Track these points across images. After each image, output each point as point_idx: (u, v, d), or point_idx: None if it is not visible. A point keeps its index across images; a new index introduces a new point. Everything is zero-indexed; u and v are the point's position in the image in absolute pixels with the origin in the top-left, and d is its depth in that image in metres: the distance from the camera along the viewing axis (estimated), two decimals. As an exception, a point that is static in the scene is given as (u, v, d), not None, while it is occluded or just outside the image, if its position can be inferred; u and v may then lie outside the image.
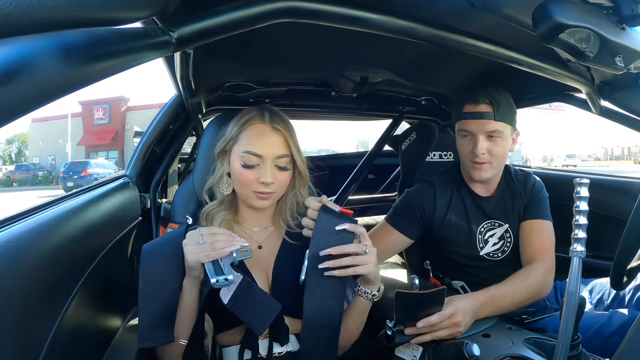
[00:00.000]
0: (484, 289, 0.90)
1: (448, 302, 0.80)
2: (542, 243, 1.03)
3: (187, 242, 0.71)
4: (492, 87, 1.06)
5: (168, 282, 0.73)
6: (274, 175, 0.80)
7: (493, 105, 1.03)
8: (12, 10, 0.26)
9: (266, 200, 0.82)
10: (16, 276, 0.51)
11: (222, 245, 0.68)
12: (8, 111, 0.26)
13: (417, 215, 1.14)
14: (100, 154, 22.75)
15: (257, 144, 0.79)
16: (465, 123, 1.07)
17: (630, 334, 0.59)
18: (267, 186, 0.79)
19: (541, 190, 1.12)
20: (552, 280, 0.98)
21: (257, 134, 0.80)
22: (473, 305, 0.84)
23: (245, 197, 0.83)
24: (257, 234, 0.86)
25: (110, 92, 31.65)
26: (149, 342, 0.71)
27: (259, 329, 0.74)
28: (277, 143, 0.80)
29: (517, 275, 0.95)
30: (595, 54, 0.61)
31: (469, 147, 1.07)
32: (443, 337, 0.79)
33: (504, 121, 1.04)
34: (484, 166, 1.06)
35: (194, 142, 1.52)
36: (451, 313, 0.79)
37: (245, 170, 0.79)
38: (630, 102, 0.99)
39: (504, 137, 1.05)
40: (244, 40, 0.80)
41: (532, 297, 0.94)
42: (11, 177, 23.00)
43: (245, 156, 0.79)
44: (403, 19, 0.63)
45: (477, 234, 1.12)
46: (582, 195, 0.60)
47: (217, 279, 0.67)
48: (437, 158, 1.54)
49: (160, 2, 0.46)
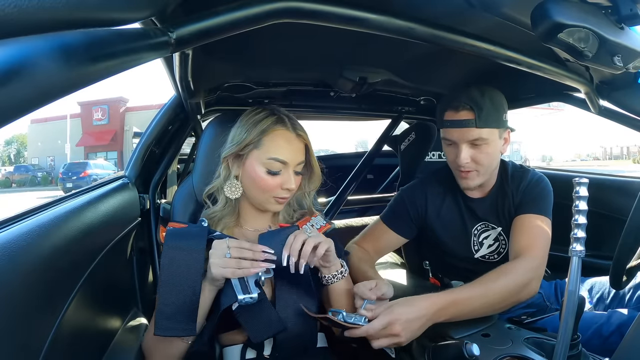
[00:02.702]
0: (448, 290, 0.82)
1: (388, 308, 0.74)
2: (530, 239, 0.94)
3: (214, 253, 0.72)
4: (474, 89, 0.98)
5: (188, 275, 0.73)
6: (295, 180, 0.82)
7: (474, 111, 0.95)
8: (12, 10, 0.26)
9: (282, 204, 0.85)
10: (16, 277, 0.50)
11: (249, 265, 0.71)
12: (7, 112, 0.26)
13: (410, 214, 1.12)
14: (99, 154, 22.72)
15: (283, 151, 0.80)
16: (447, 131, 1.01)
17: (630, 333, 0.60)
18: (289, 192, 0.81)
19: (538, 185, 1.04)
20: (538, 278, 0.88)
21: (283, 141, 0.80)
22: (425, 309, 0.75)
23: (261, 202, 0.83)
24: (254, 235, 0.86)
25: (109, 92, 31.73)
26: (168, 331, 0.70)
27: (256, 339, 0.75)
28: (300, 150, 0.82)
29: (492, 273, 0.84)
30: (594, 54, 0.61)
31: (453, 156, 1.01)
32: (383, 346, 0.73)
33: (487, 127, 0.96)
34: (470, 174, 1.01)
35: (193, 142, 1.52)
36: (385, 323, 0.72)
37: (269, 177, 0.80)
38: (629, 101, 0.99)
39: (489, 142, 0.98)
40: (243, 41, 0.80)
41: (512, 297, 0.84)
42: (10, 178, 22.94)
43: (270, 163, 0.79)
44: (402, 19, 0.63)
45: (471, 236, 1.10)
46: (581, 194, 0.60)
47: (244, 296, 0.70)
48: (436, 158, 1.55)
49: (159, 3, 0.46)
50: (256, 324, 0.75)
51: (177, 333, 0.71)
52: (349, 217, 1.96)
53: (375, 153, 1.85)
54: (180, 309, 0.71)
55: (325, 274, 0.82)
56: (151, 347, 0.77)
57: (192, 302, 0.72)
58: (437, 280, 1.26)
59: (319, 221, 0.90)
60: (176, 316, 0.71)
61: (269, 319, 0.76)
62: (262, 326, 0.75)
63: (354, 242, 1.14)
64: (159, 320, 0.70)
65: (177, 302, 0.71)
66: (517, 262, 0.88)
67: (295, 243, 0.74)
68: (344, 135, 41.80)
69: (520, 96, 1.41)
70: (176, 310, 0.71)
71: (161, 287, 0.72)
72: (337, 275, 0.82)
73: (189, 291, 0.72)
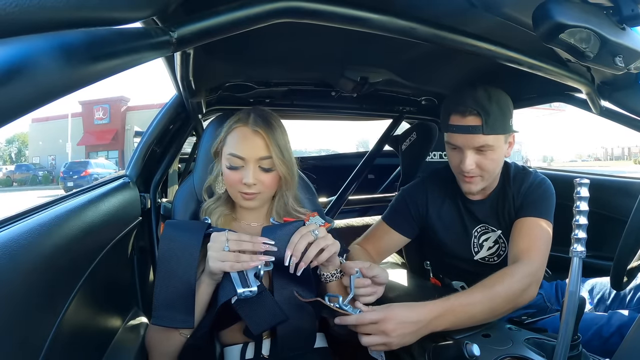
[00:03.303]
0: (445, 297, 0.78)
1: (386, 307, 0.73)
2: (529, 242, 0.91)
3: (212, 246, 0.72)
4: (481, 90, 0.95)
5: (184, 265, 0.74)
6: (257, 176, 0.82)
7: (482, 117, 0.92)
8: (12, 10, 0.26)
9: (252, 201, 0.84)
10: (16, 276, 0.50)
11: (247, 259, 0.71)
12: (8, 111, 0.26)
13: (412, 212, 1.12)
14: (100, 153, 22.76)
15: (239, 146, 0.82)
16: (452, 136, 0.98)
17: (630, 334, 0.59)
18: (249, 187, 0.82)
19: (540, 187, 1.02)
20: (537, 283, 0.87)
21: (240, 136, 0.83)
22: (423, 315, 0.73)
23: (233, 197, 0.86)
24: (253, 229, 0.88)
25: (111, 92, 31.75)
26: (166, 321, 0.71)
27: (256, 330, 0.75)
28: (258, 145, 0.82)
29: (490, 279, 0.82)
30: (595, 54, 0.61)
31: (457, 161, 0.99)
32: (371, 343, 0.71)
33: (494, 133, 0.93)
34: (474, 179, 1.00)
35: (194, 142, 1.52)
36: (377, 319, 0.70)
37: (231, 172, 0.83)
38: (630, 102, 0.99)
39: (495, 148, 0.95)
40: (244, 40, 0.80)
41: (511, 303, 0.81)
42: (11, 177, 23.00)
43: (229, 158, 0.83)
44: (403, 19, 0.63)
45: (472, 238, 1.09)
46: (582, 195, 0.60)
47: (243, 290, 0.70)
48: (437, 158, 1.54)
49: (161, 2, 0.46)
50: (256, 315, 0.75)
51: (174, 324, 0.72)
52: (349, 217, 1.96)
53: (376, 153, 1.85)
54: (177, 299, 0.72)
55: (324, 272, 0.82)
56: (151, 342, 0.78)
57: (188, 292, 0.73)
58: (437, 281, 1.26)
59: (317, 220, 0.90)
60: (173, 306, 0.72)
61: (269, 310, 0.76)
62: (263, 317, 0.75)
63: (356, 243, 1.13)
64: (156, 310, 0.72)
65: (173, 292, 0.72)
66: (516, 267, 0.86)
67: (299, 244, 0.74)
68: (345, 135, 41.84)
69: (522, 96, 1.41)
70: (173, 301, 0.72)
71: (158, 277, 0.73)
72: (336, 274, 0.82)
73: (184, 281, 0.73)
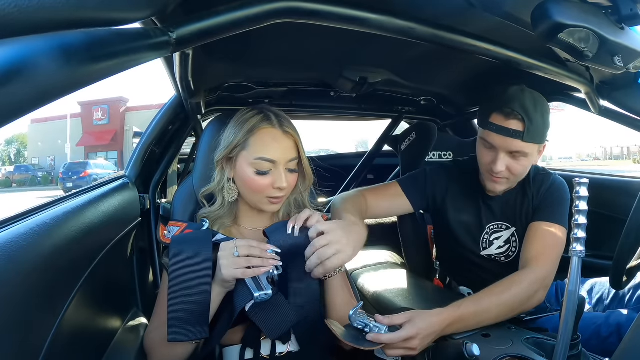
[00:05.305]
0: (456, 304, 0.81)
1: (410, 321, 0.75)
2: (541, 248, 0.92)
3: (223, 255, 0.72)
4: (528, 95, 0.92)
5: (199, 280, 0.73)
6: (287, 179, 0.80)
7: (525, 123, 0.90)
8: (12, 10, 0.26)
9: (278, 205, 0.83)
10: (16, 277, 0.50)
11: (259, 264, 0.71)
12: (7, 112, 0.26)
13: (427, 190, 1.11)
14: (99, 154, 22.74)
15: (269, 149, 0.78)
16: (489, 135, 0.95)
17: (629, 334, 0.59)
18: (281, 191, 0.80)
19: (558, 192, 1.01)
20: (545, 289, 0.88)
21: (269, 139, 0.78)
22: (438, 326, 0.77)
23: (255, 203, 0.83)
24: (253, 234, 0.87)
25: (110, 92, 31.72)
26: (182, 336, 0.70)
27: (273, 335, 0.76)
28: (289, 147, 0.80)
29: (498, 286, 0.85)
30: (594, 54, 0.61)
31: (488, 159, 0.98)
32: (396, 355, 0.75)
33: (532, 142, 0.92)
34: (501, 181, 0.99)
35: (194, 142, 1.52)
36: (408, 336, 0.73)
37: (259, 177, 0.78)
38: (629, 101, 0.99)
39: (528, 156, 0.94)
40: (244, 41, 0.80)
41: (518, 309, 0.84)
42: (10, 178, 22.95)
43: (257, 163, 0.78)
44: (402, 19, 0.63)
45: (483, 232, 1.09)
46: (581, 194, 0.60)
47: (259, 294, 0.70)
48: (436, 158, 1.55)
49: (160, 3, 0.46)
50: (272, 320, 0.75)
51: (191, 337, 0.71)
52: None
53: (375, 153, 1.85)
54: (192, 314, 0.71)
55: None
56: (154, 348, 0.77)
57: (204, 306, 0.72)
58: (441, 282, 1.26)
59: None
60: (189, 321, 0.71)
61: (284, 313, 0.76)
62: (278, 321, 0.75)
63: (358, 189, 1.12)
64: (171, 327, 0.70)
65: (188, 307, 0.71)
66: (524, 274, 0.87)
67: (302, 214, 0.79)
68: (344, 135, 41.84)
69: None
70: (188, 316, 0.71)
71: (171, 294, 0.71)
72: (337, 270, 0.81)
73: (200, 295, 0.71)
